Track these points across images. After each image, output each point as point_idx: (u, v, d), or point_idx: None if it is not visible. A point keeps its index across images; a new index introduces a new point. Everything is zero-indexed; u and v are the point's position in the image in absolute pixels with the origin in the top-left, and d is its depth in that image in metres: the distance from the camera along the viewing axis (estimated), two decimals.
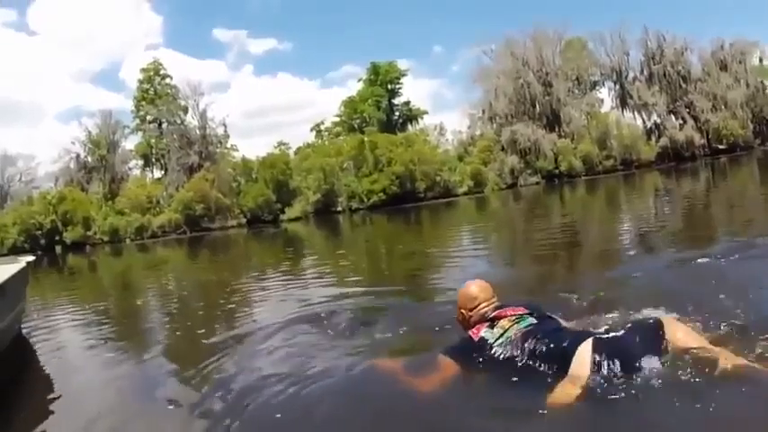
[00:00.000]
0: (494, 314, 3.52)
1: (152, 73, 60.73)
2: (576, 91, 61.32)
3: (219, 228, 50.05)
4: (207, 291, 12.06)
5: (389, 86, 66.07)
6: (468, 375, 3.32)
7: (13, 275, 6.06)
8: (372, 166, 52.43)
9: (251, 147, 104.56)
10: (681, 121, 60.91)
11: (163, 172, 58.46)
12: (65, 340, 7.58)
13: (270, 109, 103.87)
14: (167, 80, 60.70)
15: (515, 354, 3.19)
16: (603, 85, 64.32)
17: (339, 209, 51.65)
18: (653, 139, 60.07)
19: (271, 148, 65.78)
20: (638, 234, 11.70)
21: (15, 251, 46.60)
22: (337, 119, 69.06)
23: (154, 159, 59.55)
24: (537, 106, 59.73)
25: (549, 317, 3.54)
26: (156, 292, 13.73)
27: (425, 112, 68.11)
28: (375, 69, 65.49)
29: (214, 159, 55.19)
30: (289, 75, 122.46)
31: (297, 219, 50.09)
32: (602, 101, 63.47)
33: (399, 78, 66.59)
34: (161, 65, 61.36)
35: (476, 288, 3.73)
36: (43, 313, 9.97)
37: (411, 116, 66.99)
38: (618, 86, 62.86)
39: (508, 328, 3.35)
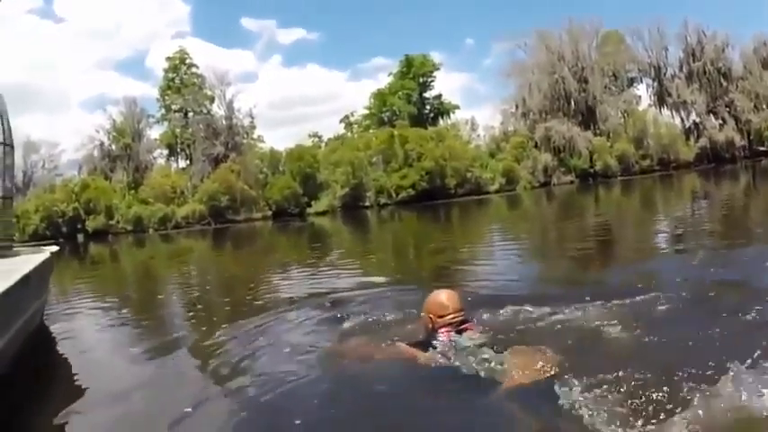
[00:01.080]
0: (462, 326, 4.07)
1: (178, 62, 63.40)
2: (613, 87, 62.59)
3: (244, 220, 51.95)
4: (230, 283, 12.65)
5: (421, 80, 67.91)
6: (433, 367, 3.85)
7: (37, 266, 6.28)
8: (402, 161, 54.45)
9: (277, 138, 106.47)
10: (721, 121, 61.80)
11: (188, 162, 61.05)
12: (85, 330, 7.96)
13: (297, 100, 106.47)
14: (194, 69, 63.42)
15: (477, 357, 3.73)
16: (641, 81, 65.66)
17: (367, 204, 53.36)
18: (691, 139, 61.24)
19: (296, 139, 67.88)
20: (673, 240, 11.46)
21: (37, 238, 48.98)
22: (366, 111, 71.27)
23: (179, 149, 62.04)
24: (572, 102, 61.32)
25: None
26: (178, 283, 14.39)
27: (457, 107, 69.96)
28: (408, 62, 67.36)
29: (240, 150, 57.56)
30: (317, 66, 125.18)
31: (323, 213, 51.92)
32: (639, 98, 64.88)
33: (432, 72, 68.46)
34: (187, 54, 64.08)
35: (446, 298, 4.20)
36: (65, 302, 10.33)
37: (442, 110, 68.72)
38: (656, 83, 64.24)
39: (475, 339, 3.96)
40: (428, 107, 68.89)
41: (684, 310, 4.94)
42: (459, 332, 4.04)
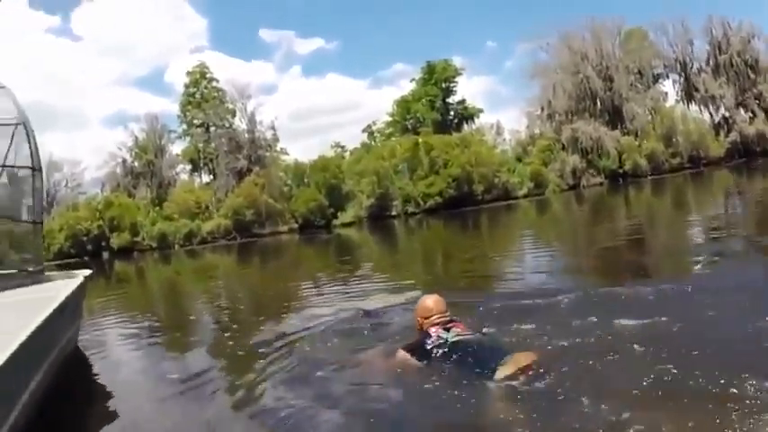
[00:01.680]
0: (449, 325, 4.68)
1: (198, 76, 65.26)
2: (639, 85, 62.92)
3: (270, 233, 53.25)
4: (257, 298, 12.98)
5: (444, 85, 68.83)
6: (420, 367, 4.52)
7: (72, 292, 6.43)
8: (428, 169, 55.36)
9: (298, 149, 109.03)
10: (750, 114, 62.00)
11: (211, 177, 62.77)
12: (118, 354, 8.25)
13: (317, 110, 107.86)
14: (214, 83, 65.27)
15: (464, 353, 4.33)
16: (667, 77, 66.04)
17: (394, 213, 54.37)
18: (721, 134, 61.57)
19: (318, 150, 69.31)
20: (709, 243, 11.46)
21: (62, 257, 50.77)
22: (389, 119, 72.52)
23: (202, 164, 63.78)
24: (598, 102, 62.04)
25: (491, 339, 4.85)
26: (206, 301, 14.83)
27: (481, 111, 70.78)
28: (430, 68, 68.29)
29: (264, 163, 59.20)
30: (337, 75, 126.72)
31: (350, 224, 52.93)
32: (666, 94, 65.46)
33: (454, 77, 69.35)
34: (207, 68, 66.01)
35: (431, 302, 4.87)
36: (93, 323, 10.54)
37: (466, 115, 69.68)
38: (683, 78, 64.68)
39: (462, 335, 4.56)
40: (452, 113, 69.79)
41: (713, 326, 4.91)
42: (447, 329, 4.63)
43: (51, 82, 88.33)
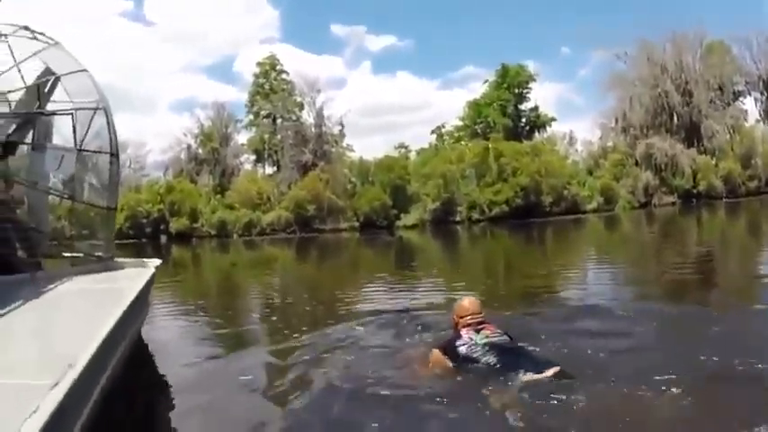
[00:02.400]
0: (480, 326, 5.35)
1: (268, 67, 67.16)
2: (718, 101, 62.64)
3: (331, 230, 54.53)
4: (313, 296, 13.27)
5: (517, 90, 69.13)
6: (452, 369, 5.23)
7: (145, 284, 6.72)
8: (496, 176, 56.12)
9: (363, 146, 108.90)
10: None
11: (275, 168, 64.44)
12: (177, 343, 8.71)
13: (384, 108, 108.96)
14: (283, 75, 67.06)
15: (490, 356, 5.04)
16: (749, 94, 65.64)
17: (458, 219, 55.34)
18: None
19: (383, 148, 70.62)
20: None
21: (120, 237, 51.78)
22: (459, 122, 73.08)
23: (266, 155, 65.42)
24: (675, 118, 62.09)
25: (518, 345, 5.39)
26: (261, 294, 15.65)
27: (554, 119, 70.85)
28: (504, 72, 68.70)
29: (329, 159, 60.49)
30: (407, 73, 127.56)
31: (413, 226, 54.07)
32: (746, 113, 64.93)
33: (528, 82, 69.54)
34: (277, 59, 67.82)
35: (467, 303, 5.65)
36: (155, 311, 10.52)
37: (539, 123, 69.99)
38: (765, 97, 64.47)
39: (490, 337, 5.23)
40: (524, 119, 70.16)
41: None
42: (478, 331, 5.29)
43: (122, 66, 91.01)
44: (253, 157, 67.27)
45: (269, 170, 66.12)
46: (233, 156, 65.25)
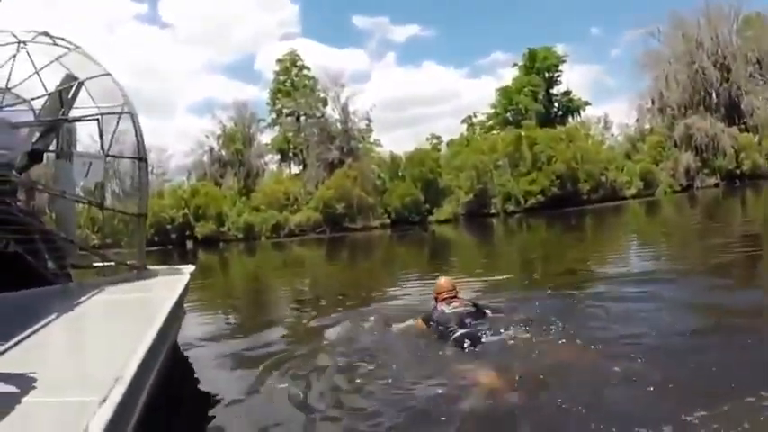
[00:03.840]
0: (452, 300, 7.13)
1: (288, 64, 67.64)
2: (758, 76, 61.92)
3: (361, 228, 54.51)
4: (347, 299, 12.90)
5: (547, 74, 69.06)
6: (426, 330, 7.14)
7: (183, 291, 6.85)
8: (530, 165, 56.05)
9: (391, 141, 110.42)
10: None
11: (301, 167, 64.73)
12: (211, 350, 8.85)
13: (412, 100, 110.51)
14: (305, 71, 67.44)
15: (452, 322, 6.77)
16: None
17: (492, 211, 55.25)
18: None
19: (411, 142, 70.32)
20: None
21: (145, 244, 52.47)
22: (491, 110, 72.86)
23: (291, 154, 66.07)
24: (714, 95, 61.37)
25: (482, 311, 7.20)
26: (292, 297, 15.55)
27: (587, 103, 70.68)
28: (531, 56, 68.55)
29: (356, 155, 60.60)
30: (433, 63, 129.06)
31: (446, 221, 53.98)
32: None
33: (558, 65, 69.49)
34: (298, 55, 68.22)
35: (444, 282, 7.56)
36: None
37: (572, 108, 69.79)
38: None
39: (457, 308, 6.97)
40: (556, 105, 70.09)
41: None
42: (449, 303, 7.10)
43: (139, 69, 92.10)
44: (277, 157, 67.76)
45: (295, 169, 66.66)
46: (257, 156, 65.68)
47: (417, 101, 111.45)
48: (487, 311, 7.41)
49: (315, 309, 12.16)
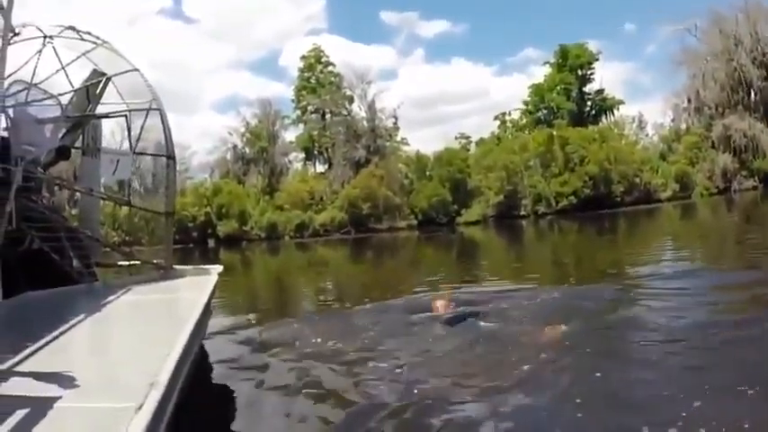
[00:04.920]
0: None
1: (313, 60, 67.70)
2: None
3: (387, 229, 54.46)
4: (372, 301, 12.75)
5: (579, 72, 68.21)
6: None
7: (212, 291, 6.97)
8: (562, 165, 55.66)
9: (418, 140, 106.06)
10: None
11: (326, 166, 64.84)
12: (232, 350, 8.99)
13: (441, 98, 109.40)
14: (330, 68, 67.46)
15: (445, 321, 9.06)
16: None
17: (523, 213, 54.98)
18: None
19: (439, 141, 69.60)
20: None
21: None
22: (523, 108, 71.92)
23: (316, 152, 66.18)
24: (753, 94, 59.86)
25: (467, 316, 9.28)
26: (316, 299, 15.77)
27: (621, 102, 69.47)
28: (563, 53, 67.80)
29: (383, 154, 60.54)
30: (463, 59, 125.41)
31: (475, 222, 53.82)
32: None
33: (591, 63, 68.40)
34: (323, 52, 68.27)
35: (440, 306, 9.87)
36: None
37: (605, 107, 68.82)
38: None
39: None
40: (589, 103, 69.19)
41: None
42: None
43: (162, 65, 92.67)
44: (302, 155, 68.03)
45: (320, 168, 66.84)
46: (281, 154, 65.78)
47: (446, 99, 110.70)
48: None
49: (338, 312, 12.33)
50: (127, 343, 5.02)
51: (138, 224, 10.14)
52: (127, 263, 9.16)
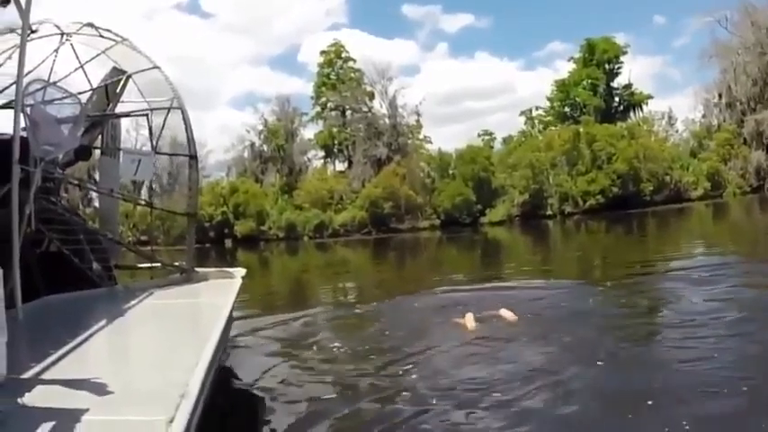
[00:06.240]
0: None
1: (333, 56, 67.55)
2: None
3: (409, 229, 54.37)
4: (391, 306, 12.63)
5: (607, 66, 67.56)
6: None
7: (236, 295, 6.98)
8: (589, 163, 55.29)
9: (441, 137, 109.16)
10: None
11: (346, 165, 64.83)
12: (254, 358, 8.89)
13: (464, 94, 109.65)
14: (350, 63, 67.22)
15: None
16: None
17: (549, 212, 54.81)
18: None
19: (463, 138, 68.95)
20: None
21: (183, 242, 52.80)
22: (548, 104, 71.50)
23: (336, 150, 66.02)
24: None
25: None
26: (336, 301, 15.87)
27: (650, 97, 68.60)
28: (590, 47, 67.18)
29: (405, 152, 60.33)
30: (487, 54, 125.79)
31: (499, 222, 53.60)
32: None
33: (618, 57, 67.68)
34: (343, 47, 68.02)
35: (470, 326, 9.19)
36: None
37: (633, 102, 67.99)
38: None
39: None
40: (617, 99, 68.56)
41: None
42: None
43: (179, 60, 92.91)
44: (321, 153, 67.68)
45: (339, 166, 66.65)
46: (300, 152, 65.76)
47: (470, 94, 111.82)
48: None
49: (359, 315, 12.35)
50: (152, 350, 4.97)
51: (154, 223, 10.35)
52: (147, 265, 9.08)
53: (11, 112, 6.50)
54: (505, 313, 9.51)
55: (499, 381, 6.60)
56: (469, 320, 9.31)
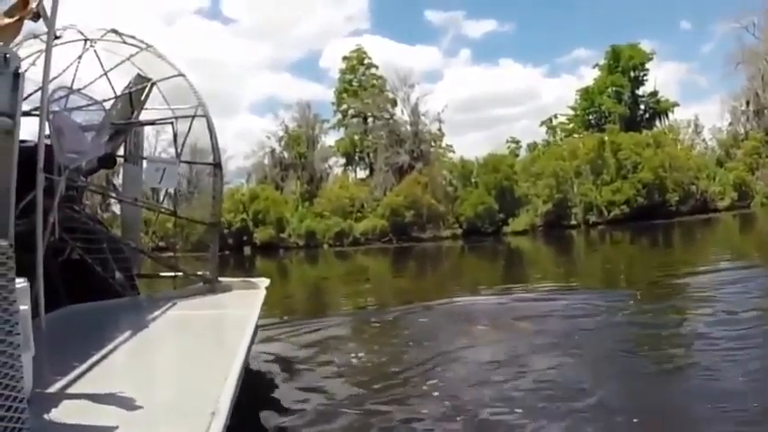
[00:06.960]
0: None
1: (355, 62, 67.43)
2: None
3: (431, 238, 53.91)
4: (415, 312, 12.88)
5: (632, 74, 67.07)
6: None
7: (261, 305, 7.00)
8: (614, 173, 54.88)
9: (464, 144, 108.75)
10: None
11: (367, 172, 64.65)
12: (274, 365, 9.02)
13: (487, 100, 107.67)
14: (372, 70, 67.14)
15: None
16: None
17: (573, 222, 54.49)
18: None
19: (486, 146, 69.47)
20: None
21: (201, 249, 52.97)
22: (571, 112, 71.05)
23: (357, 158, 65.91)
24: None
25: None
26: (355, 310, 15.79)
27: (676, 105, 68.07)
28: (615, 54, 66.86)
29: (427, 160, 60.11)
30: (511, 60, 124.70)
31: (522, 232, 53.15)
32: None
33: (644, 64, 67.18)
34: (365, 53, 67.87)
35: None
36: None
37: (659, 110, 67.51)
38: None
39: None
40: (642, 106, 68.15)
41: None
42: None
43: (200, 65, 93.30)
44: (342, 161, 67.38)
45: (361, 174, 66.40)
46: (321, 159, 65.57)
47: (493, 101, 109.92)
48: None
49: (378, 325, 12.55)
50: (178, 364, 4.96)
51: (174, 230, 10.57)
52: (170, 274, 9.04)
53: (34, 119, 6.41)
54: (525, 324, 9.67)
55: (520, 394, 6.64)
56: (488, 330, 9.52)
